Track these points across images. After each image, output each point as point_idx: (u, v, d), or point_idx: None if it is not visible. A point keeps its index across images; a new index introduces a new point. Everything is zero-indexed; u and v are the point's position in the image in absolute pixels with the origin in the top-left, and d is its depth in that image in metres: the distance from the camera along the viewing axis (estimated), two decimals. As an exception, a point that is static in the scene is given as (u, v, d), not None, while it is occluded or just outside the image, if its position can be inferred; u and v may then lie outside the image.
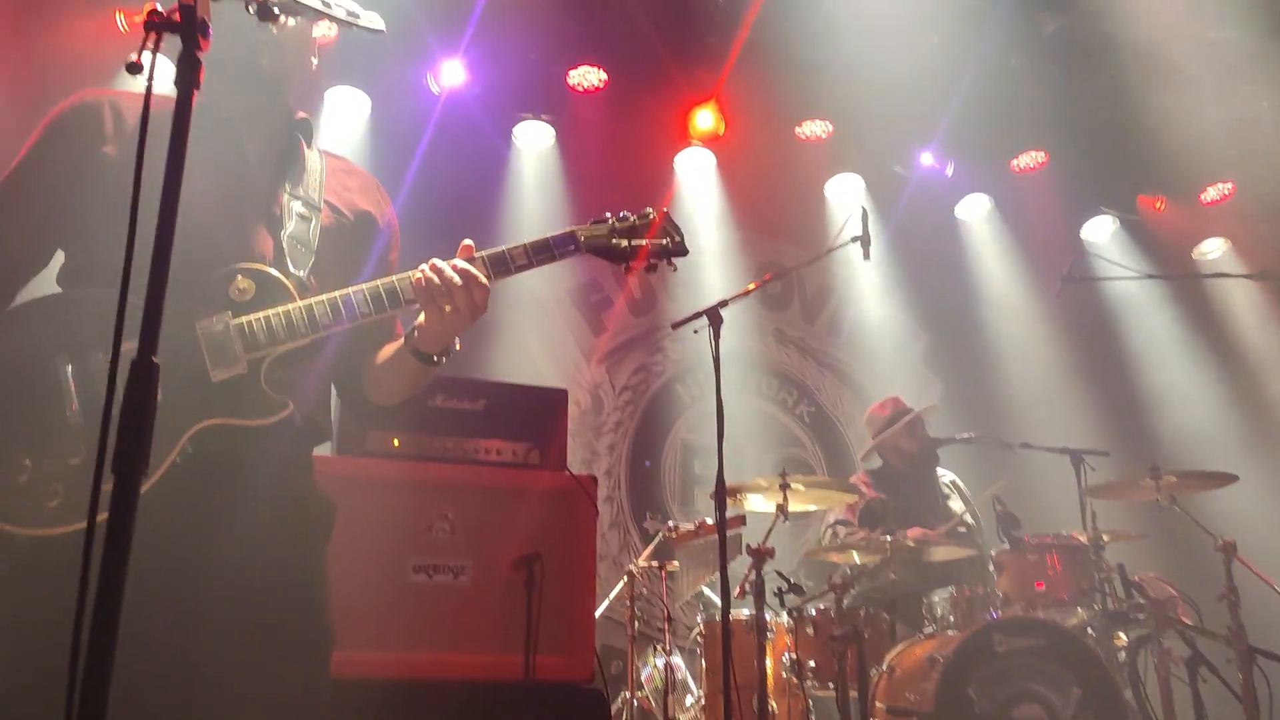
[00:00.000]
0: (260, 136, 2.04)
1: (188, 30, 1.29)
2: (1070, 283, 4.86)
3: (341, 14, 1.72)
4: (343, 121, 6.01)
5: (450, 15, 5.66)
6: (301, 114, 2.13)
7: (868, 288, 7.21)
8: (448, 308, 1.93)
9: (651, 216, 2.11)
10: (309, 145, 2.14)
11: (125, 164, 1.89)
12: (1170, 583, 4.37)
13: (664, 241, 2.11)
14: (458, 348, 2.07)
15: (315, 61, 2.11)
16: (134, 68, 1.30)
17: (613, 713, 4.60)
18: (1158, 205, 7.43)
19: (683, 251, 2.14)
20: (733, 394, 6.68)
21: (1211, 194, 7.20)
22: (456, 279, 1.93)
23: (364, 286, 1.93)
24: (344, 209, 2.14)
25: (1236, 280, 6.78)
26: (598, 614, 4.77)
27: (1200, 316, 7.18)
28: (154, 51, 1.31)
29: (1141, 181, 7.33)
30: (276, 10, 1.61)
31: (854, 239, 4.49)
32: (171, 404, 1.77)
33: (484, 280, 1.95)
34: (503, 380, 4.09)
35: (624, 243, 2.08)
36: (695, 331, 3.93)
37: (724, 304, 3.91)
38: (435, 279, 1.93)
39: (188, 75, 1.30)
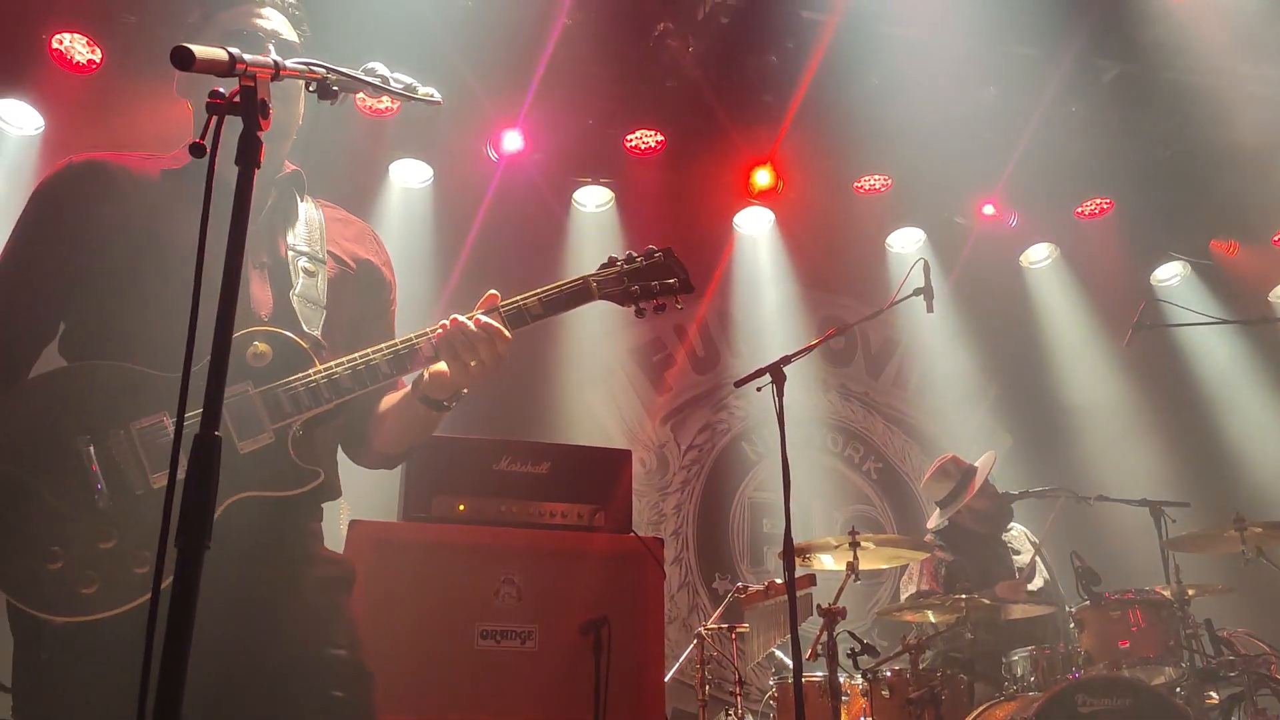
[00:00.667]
0: (259, 188, 2.07)
1: (248, 111, 1.34)
2: (1141, 330, 4.76)
3: (399, 88, 1.76)
4: (406, 193, 6.16)
5: (508, 84, 5.79)
6: (292, 166, 2.15)
7: (933, 340, 7.12)
8: (472, 362, 1.94)
9: (658, 256, 2.14)
10: (302, 197, 2.14)
11: (124, 225, 1.90)
12: (1260, 638, 4.19)
13: (671, 281, 2.14)
14: (466, 392, 2.06)
15: (302, 110, 2.12)
16: (197, 149, 1.34)
17: (685, 779, 4.52)
18: (1231, 250, 7.27)
19: (688, 289, 2.17)
20: (798, 451, 6.68)
21: (1283, 236, 7.03)
22: (480, 333, 1.93)
23: (384, 349, 1.94)
24: (347, 259, 2.15)
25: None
26: (667, 678, 4.72)
27: (1277, 360, 6.97)
28: (216, 133, 1.35)
29: (1213, 225, 7.18)
30: (336, 89, 1.65)
31: (916, 292, 4.45)
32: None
33: (507, 334, 1.97)
34: (566, 442, 4.11)
35: (634, 287, 2.11)
36: (759, 389, 3.91)
37: (787, 360, 3.89)
38: (460, 334, 1.93)
39: (249, 154, 1.34)
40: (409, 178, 6.20)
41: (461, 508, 3.23)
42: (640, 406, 6.53)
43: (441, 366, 1.99)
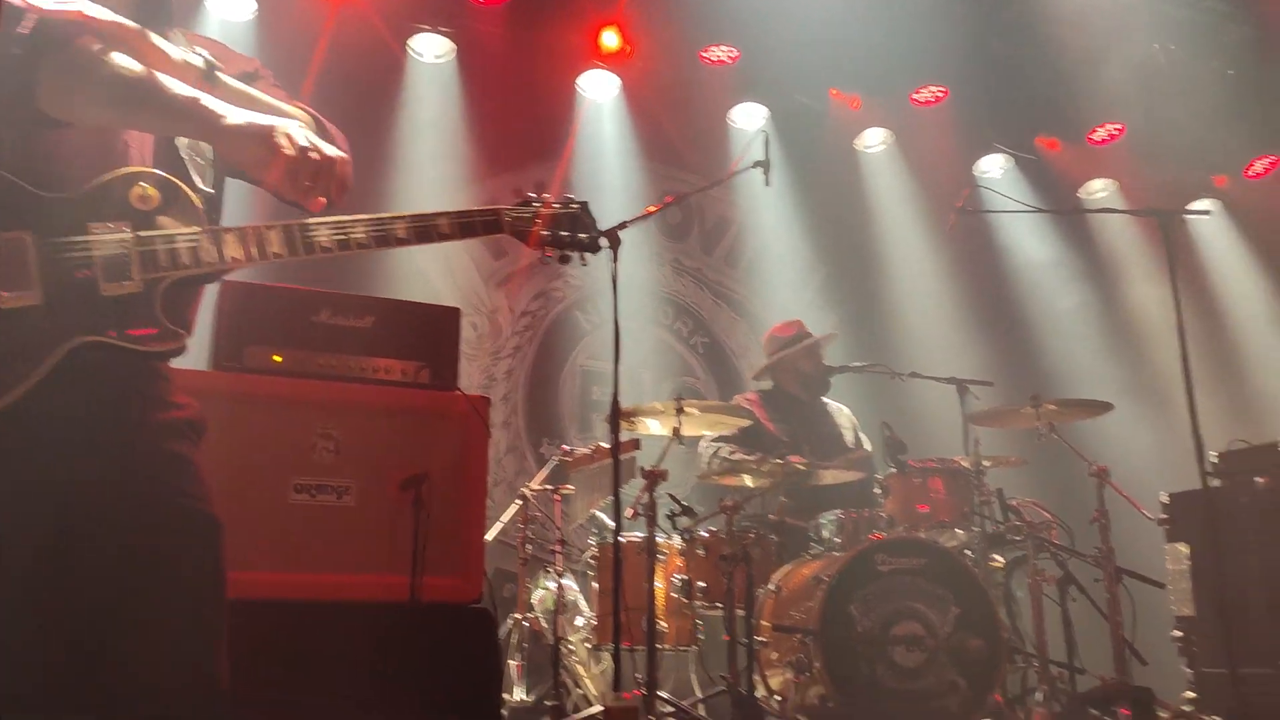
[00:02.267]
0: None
1: None
2: (963, 215, 4.93)
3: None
4: (226, 30, 5.71)
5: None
6: None
7: (767, 220, 7.22)
8: (307, 183, 1.80)
9: (575, 208, 2.11)
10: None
11: None
12: (1046, 507, 4.52)
13: (582, 237, 2.12)
14: None
15: None
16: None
17: (503, 635, 4.61)
18: (1052, 146, 7.58)
19: (595, 249, 2.15)
20: (631, 321, 6.72)
21: (1101, 134, 7.37)
22: (322, 161, 1.79)
23: (279, 226, 1.80)
24: None
25: (1120, 217, 6.99)
26: (490, 537, 4.76)
27: (1084, 252, 7.41)
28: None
29: (1038, 121, 7.46)
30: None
31: (755, 164, 4.48)
32: (55, 309, 1.65)
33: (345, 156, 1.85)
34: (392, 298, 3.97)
35: (545, 232, 2.09)
36: (584, 264, 3.86)
37: (623, 226, 3.86)
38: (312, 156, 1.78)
39: None
40: (229, 11, 5.74)
41: (278, 359, 3.10)
42: (474, 270, 6.40)
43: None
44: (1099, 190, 7.50)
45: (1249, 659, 4.04)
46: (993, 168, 7.50)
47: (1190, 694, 4.48)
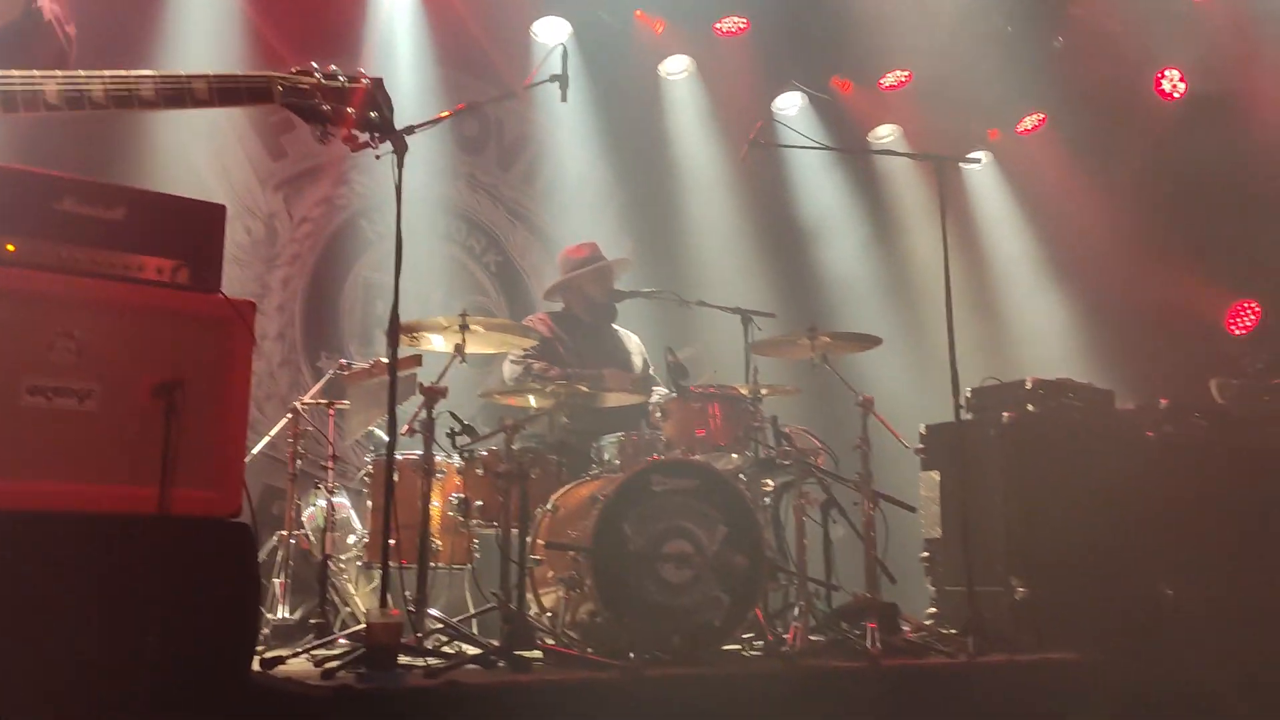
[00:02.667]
0: None
1: None
2: (755, 148, 5.01)
3: None
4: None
5: None
6: None
7: (567, 140, 7.13)
8: None
9: (364, 83, 1.84)
10: None
11: None
12: (815, 434, 4.72)
13: (373, 115, 1.86)
14: None
15: None
16: None
17: (269, 552, 4.44)
18: (846, 88, 7.80)
19: (391, 130, 1.89)
20: (421, 235, 6.51)
21: (890, 80, 7.65)
22: None
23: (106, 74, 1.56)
24: None
25: (903, 161, 7.31)
26: (255, 451, 4.56)
27: (869, 193, 7.72)
28: None
29: (834, 63, 7.65)
30: None
31: (552, 78, 4.38)
32: None
33: None
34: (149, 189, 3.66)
35: (327, 106, 1.81)
36: (377, 156, 3.69)
37: (411, 130, 3.68)
38: None
39: None
40: None
41: (11, 248, 2.80)
42: (250, 170, 6.01)
43: None
44: (886, 135, 7.80)
45: (984, 578, 4.38)
46: (789, 105, 7.65)
47: (932, 609, 4.83)
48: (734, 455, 4.44)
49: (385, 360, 4.17)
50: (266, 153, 6.08)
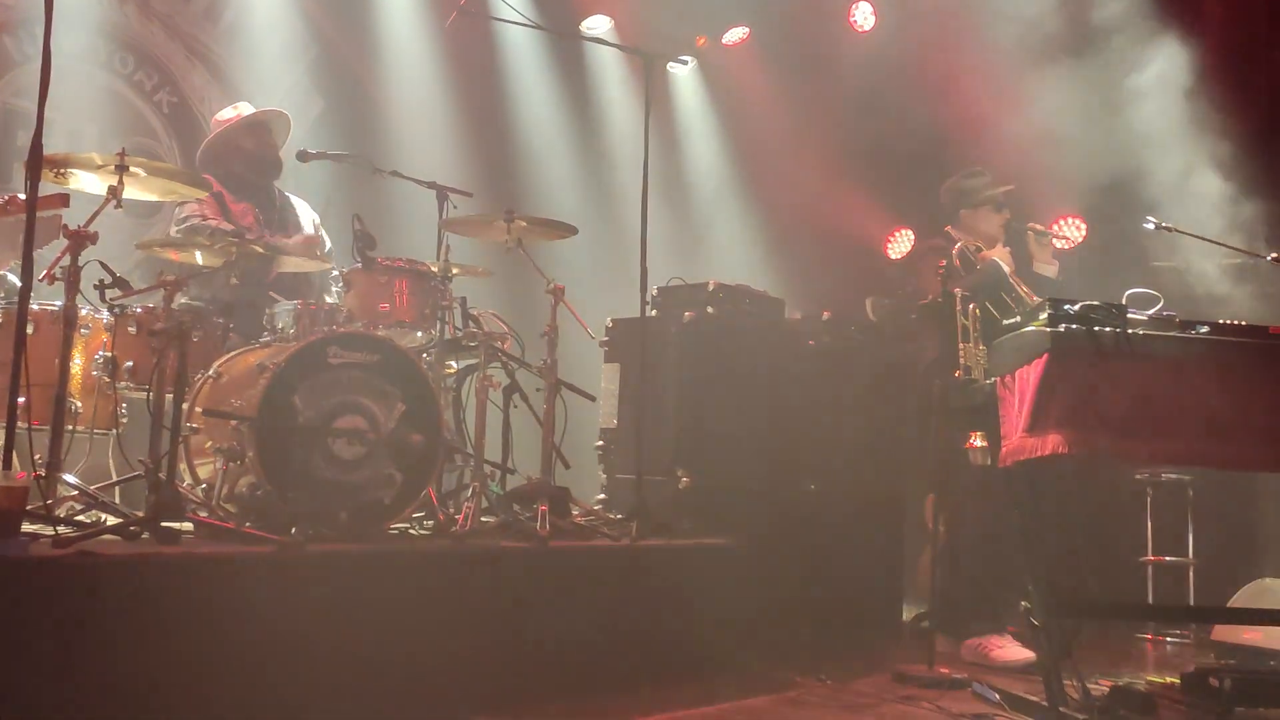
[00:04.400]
0: None
1: None
2: (465, 15, 4.81)
3: None
4: None
5: None
6: None
7: (258, -22, 6.50)
8: None
9: None
10: None
11: None
12: (504, 319, 4.67)
13: None
14: None
15: None
16: None
17: None
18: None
19: None
20: (76, 62, 5.76)
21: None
22: None
23: None
24: None
25: (612, 52, 7.29)
26: None
27: (577, 81, 7.66)
28: None
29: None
30: None
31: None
32: None
33: None
34: None
35: None
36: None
37: (63, -67, 3.19)
38: None
39: None
40: None
41: None
42: None
43: None
44: (596, 27, 7.72)
45: (652, 468, 4.57)
46: (503, -18, 7.38)
47: (602, 496, 5.00)
48: (419, 333, 4.32)
49: (24, 197, 3.67)
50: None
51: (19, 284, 3.85)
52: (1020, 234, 5.19)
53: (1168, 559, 5.66)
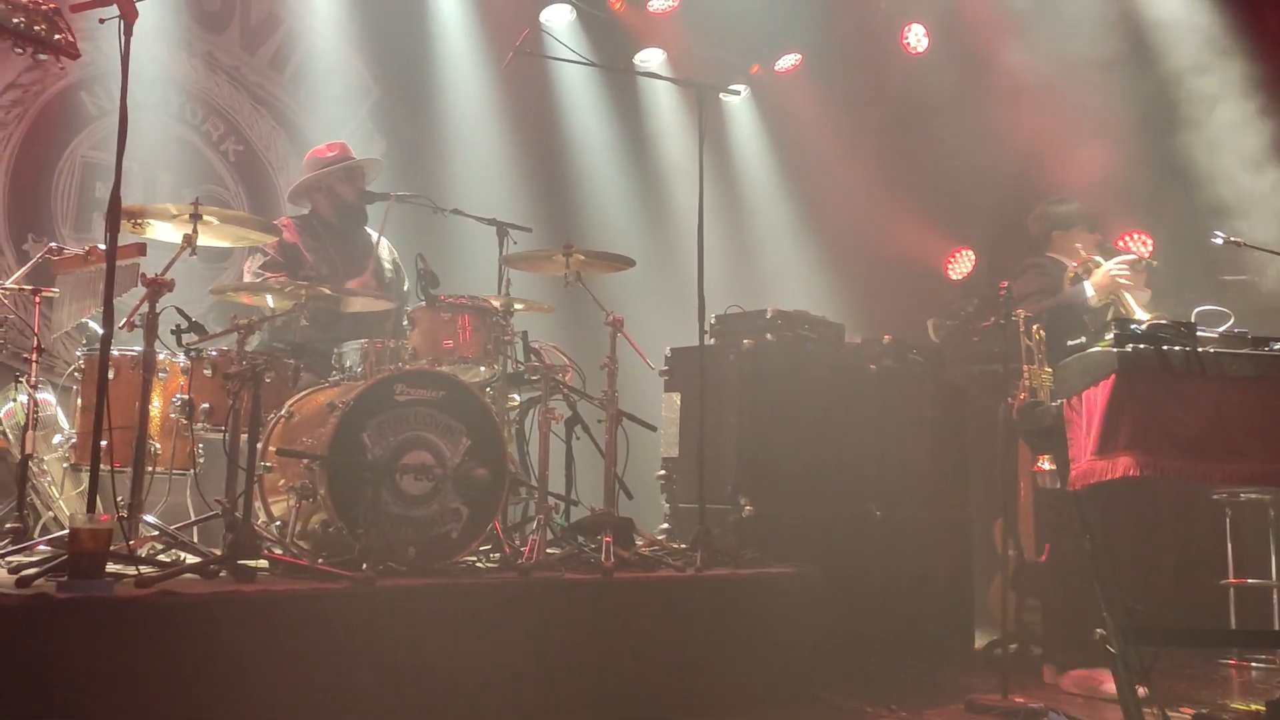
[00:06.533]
0: None
1: None
2: (521, 56, 4.89)
3: None
4: None
5: None
6: None
7: (320, 27, 6.69)
8: None
9: (48, 7, 1.71)
10: None
11: None
12: (565, 351, 4.73)
13: (58, 39, 1.75)
14: None
15: None
16: None
17: (-43, 450, 4.01)
18: (618, 6, 7.74)
19: (72, 55, 1.79)
20: (150, 114, 5.98)
21: (657, 4, 7.67)
22: None
23: None
24: None
25: (666, 85, 7.37)
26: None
27: (632, 115, 7.75)
28: None
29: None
30: None
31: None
32: None
33: None
34: None
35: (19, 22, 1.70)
36: (101, 21, 3.34)
37: (141, -7, 3.33)
38: None
39: None
40: None
41: None
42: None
43: None
44: (650, 59, 7.82)
45: (714, 497, 4.58)
46: (558, 17, 7.51)
47: (665, 525, 5.01)
48: (482, 368, 4.39)
49: (103, 247, 3.82)
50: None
51: (100, 331, 4.02)
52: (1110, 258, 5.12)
53: (1250, 581, 5.50)
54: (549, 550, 4.02)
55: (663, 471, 5.11)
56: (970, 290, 7.40)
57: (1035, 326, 4.93)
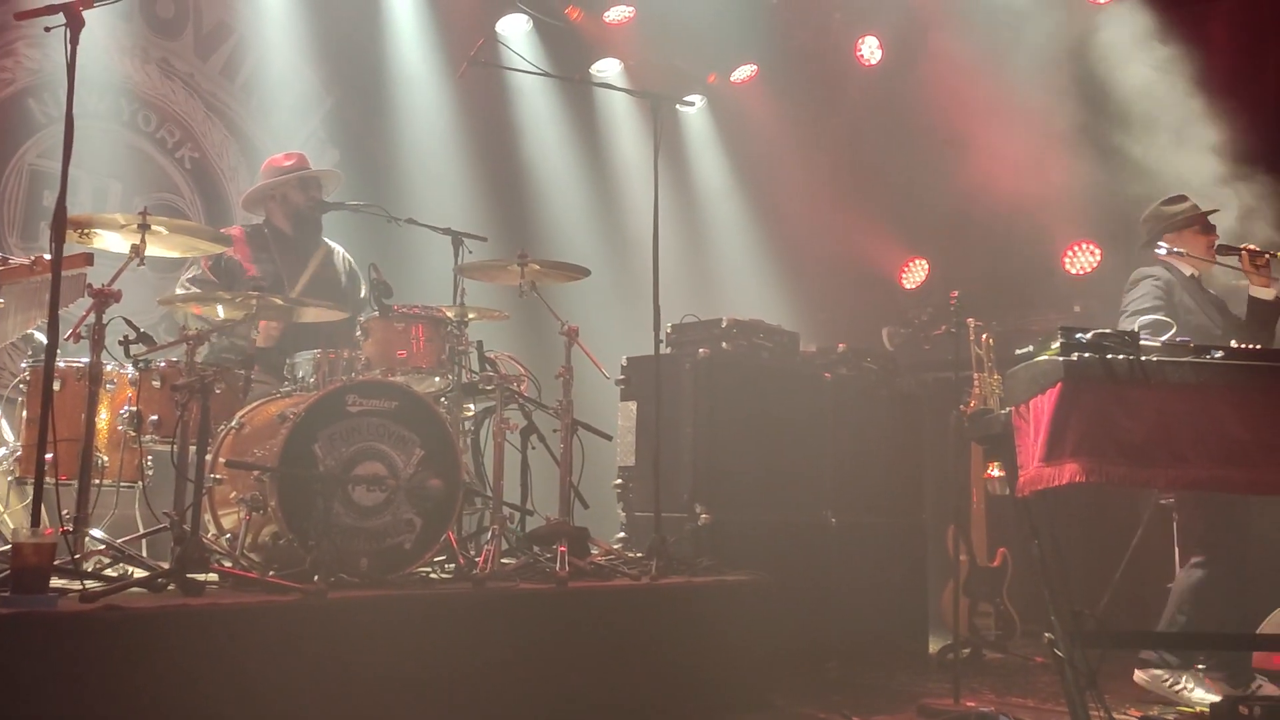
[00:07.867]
0: None
1: None
2: (476, 65, 4.89)
3: None
4: None
5: None
6: None
7: (273, 36, 6.63)
8: None
9: None
10: None
11: None
12: (520, 360, 4.72)
13: None
14: None
15: None
16: None
17: (-103, 465, 3.93)
18: (576, 15, 7.76)
19: None
20: (101, 122, 5.91)
21: (614, 15, 7.70)
22: None
23: None
24: None
25: (621, 96, 7.39)
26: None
27: (587, 125, 7.76)
28: None
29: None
30: None
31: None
32: None
33: None
34: None
35: None
36: (47, 29, 3.31)
37: (88, 3, 3.30)
38: None
39: None
40: None
41: None
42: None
43: None
44: (606, 70, 7.84)
45: (670, 505, 4.59)
46: (513, 27, 7.50)
47: (621, 534, 5.01)
48: (436, 378, 4.37)
49: (49, 257, 3.76)
50: (-93, 8, 5.26)
51: (45, 342, 3.95)
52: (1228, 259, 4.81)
53: (1195, 584, 5.59)
54: (503, 560, 4.01)
55: (619, 480, 5.12)
56: (924, 299, 7.49)
57: (985, 335, 5.01)
